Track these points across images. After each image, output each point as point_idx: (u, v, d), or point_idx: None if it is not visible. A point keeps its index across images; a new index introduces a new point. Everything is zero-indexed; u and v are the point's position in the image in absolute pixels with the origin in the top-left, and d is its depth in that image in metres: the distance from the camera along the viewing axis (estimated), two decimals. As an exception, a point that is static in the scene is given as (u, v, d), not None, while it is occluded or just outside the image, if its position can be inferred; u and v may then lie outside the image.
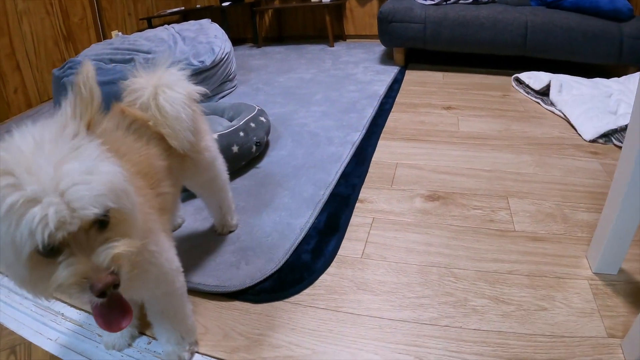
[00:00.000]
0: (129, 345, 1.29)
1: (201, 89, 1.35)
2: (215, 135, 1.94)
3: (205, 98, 2.85)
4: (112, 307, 0.82)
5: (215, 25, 3.48)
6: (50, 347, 1.33)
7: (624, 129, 2.25)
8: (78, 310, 1.45)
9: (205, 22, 3.51)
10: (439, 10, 3.38)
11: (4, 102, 3.24)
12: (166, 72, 1.27)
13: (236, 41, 4.87)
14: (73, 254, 0.72)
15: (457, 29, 3.31)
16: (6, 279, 1.62)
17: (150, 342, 1.30)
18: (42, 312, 1.46)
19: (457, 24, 3.30)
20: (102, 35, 4.12)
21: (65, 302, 1.49)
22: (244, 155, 2.06)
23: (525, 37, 3.17)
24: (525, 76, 3.07)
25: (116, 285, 0.75)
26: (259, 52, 4.39)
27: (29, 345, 1.35)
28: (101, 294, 0.73)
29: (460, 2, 3.54)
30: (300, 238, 1.64)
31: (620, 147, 2.17)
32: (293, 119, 2.71)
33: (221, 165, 1.53)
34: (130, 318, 0.84)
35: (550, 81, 2.83)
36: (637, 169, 1.19)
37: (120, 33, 4.23)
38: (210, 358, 1.24)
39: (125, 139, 1.10)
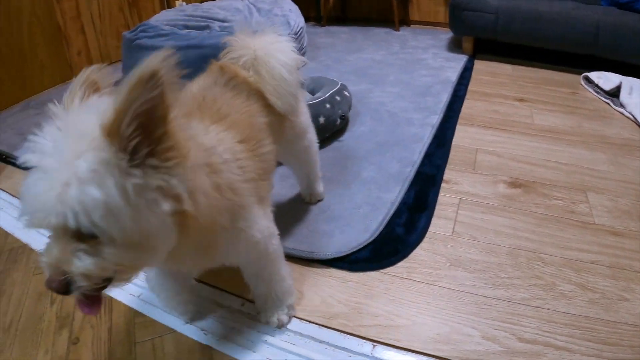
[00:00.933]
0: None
1: (304, 58, 1.36)
2: (304, 105, 1.97)
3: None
4: (80, 300, 0.79)
5: (289, 0, 3.49)
6: (133, 303, 1.37)
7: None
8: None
9: (279, -5, 3.53)
10: (512, 1, 3.35)
11: (67, 64, 3.29)
12: (276, 37, 1.31)
13: (302, 18, 4.88)
14: (51, 242, 0.73)
15: (528, 22, 3.28)
16: None
17: (243, 304, 1.34)
18: None
19: (529, 17, 3.27)
20: (167, 4, 4.14)
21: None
22: (329, 127, 2.09)
23: (596, 36, 3.13)
24: (595, 76, 3.05)
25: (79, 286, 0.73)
26: (324, 31, 4.39)
27: (110, 300, 1.38)
28: (56, 290, 0.73)
29: (532, -5, 3.52)
30: (393, 211, 1.67)
31: None
32: (369, 97, 2.73)
33: (313, 134, 1.56)
34: (97, 311, 0.82)
35: (620, 82, 2.81)
36: None
37: (184, 3, 4.25)
38: (308, 323, 1.27)
39: (224, 95, 1.12)
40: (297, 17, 3.17)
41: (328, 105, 2.05)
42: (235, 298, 1.37)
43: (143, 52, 2.61)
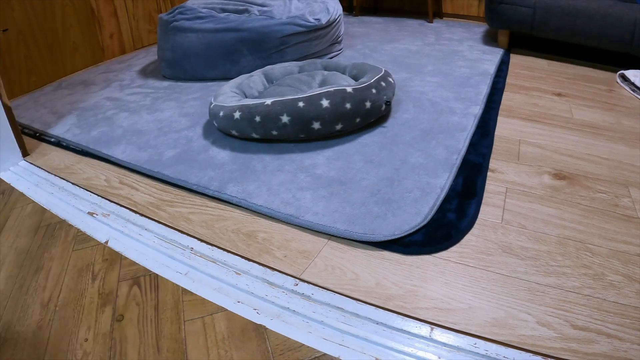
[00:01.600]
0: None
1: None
2: (350, 89, 1.97)
3: (315, 56, 2.89)
4: None
5: (327, -13, 3.49)
6: (181, 281, 1.37)
7: None
8: (210, 246, 1.49)
9: (318, -17, 3.53)
10: (550, -4, 3.34)
11: (99, 46, 3.32)
12: None
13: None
14: None
15: (565, 18, 3.26)
16: (121, 209, 1.66)
17: (297, 284, 1.37)
18: (167, 245, 1.50)
19: (566, 13, 3.25)
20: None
21: (194, 237, 1.53)
22: (375, 112, 2.09)
23: (632, 34, 3.11)
24: (631, 74, 3.03)
25: None
26: (357, 21, 4.39)
27: (155, 277, 1.39)
28: None
29: (569, -9, 3.49)
30: (443, 197, 1.67)
31: None
32: (409, 86, 2.73)
33: None
34: None
35: (657, 81, 2.80)
36: None
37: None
38: (365, 304, 1.28)
39: None
40: (335, 4, 3.17)
41: (374, 91, 2.05)
42: (289, 277, 1.37)
43: (180, 34, 2.63)
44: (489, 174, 1.87)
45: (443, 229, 1.52)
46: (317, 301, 1.30)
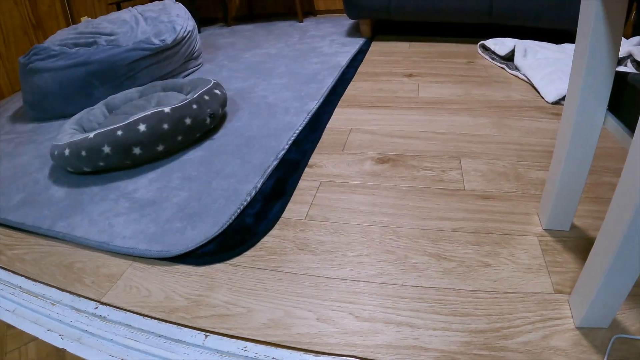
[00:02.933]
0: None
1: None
2: (168, 109, 1.97)
3: (170, 76, 2.89)
4: None
5: (179, 5, 3.47)
6: (7, 318, 1.38)
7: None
8: (34, 282, 1.49)
9: (169, 2, 3.50)
10: (403, -21, 3.38)
11: (-25, 95, 3.26)
12: None
13: (207, 21, 4.87)
14: None
15: (421, -1, 3.31)
16: None
17: (97, 307, 1.35)
18: (1, 286, 1.51)
19: (421, -7, 3.30)
20: (72, 22, 4.11)
21: (23, 276, 1.53)
22: (198, 127, 2.08)
23: (491, 3, 3.16)
24: (491, 42, 3.08)
25: None
26: (229, 31, 4.37)
27: None
28: None
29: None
30: (246, 202, 1.67)
31: None
32: (253, 92, 2.72)
33: None
34: None
35: (515, 46, 2.85)
36: (577, 123, 1.19)
37: (90, 19, 4.22)
38: (150, 319, 1.29)
39: None
40: (184, 22, 3.16)
41: (195, 106, 2.04)
42: (91, 302, 1.38)
43: (37, 76, 2.61)
44: (306, 170, 1.87)
45: (238, 235, 1.52)
46: (111, 321, 1.30)
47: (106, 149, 1.88)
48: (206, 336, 1.22)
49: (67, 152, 1.92)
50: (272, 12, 4.82)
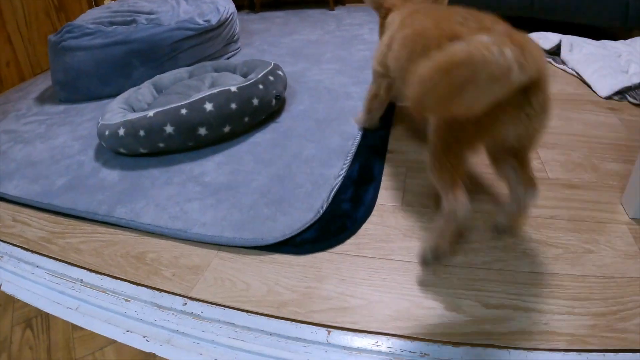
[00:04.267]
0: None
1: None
2: (235, 88, 1.87)
3: (211, 58, 2.79)
4: None
5: (218, -14, 3.39)
6: (71, 317, 1.27)
7: (637, 86, 2.24)
8: (99, 275, 1.38)
9: (207, -17, 3.42)
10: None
11: (-5, 77, 3.15)
12: None
13: (234, 5, 4.83)
14: None
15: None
16: (13, 249, 1.55)
17: (185, 303, 1.26)
18: (57, 280, 1.40)
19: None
20: (95, 4, 4.02)
21: (83, 268, 1.42)
22: (264, 108, 2.00)
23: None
24: (534, 36, 3.03)
25: None
26: (258, 17, 4.32)
27: (46, 317, 1.28)
28: None
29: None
30: (337, 187, 1.59)
31: (634, 104, 2.17)
32: (306, 76, 2.65)
33: None
34: None
35: (560, 41, 2.80)
36: None
37: (113, 1, 4.13)
38: (256, 315, 1.19)
39: None
40: (226, 3, 3.08)
41: (261, 87, 1.96)
42: (177, 297, 1.27)
43: (70, 54, 2.51)
44: (387, 155, 1.79)
45: (337, 221, 1.43)
46: (207, 319, 1.19)
47: (168, 129, 1.77)
48: (329, 332, 1.12)
49: (121, 131, 1.81)
50: (299, -1, 4.75)
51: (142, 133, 1.79)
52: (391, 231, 1.40)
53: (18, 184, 1.87)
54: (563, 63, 2.66)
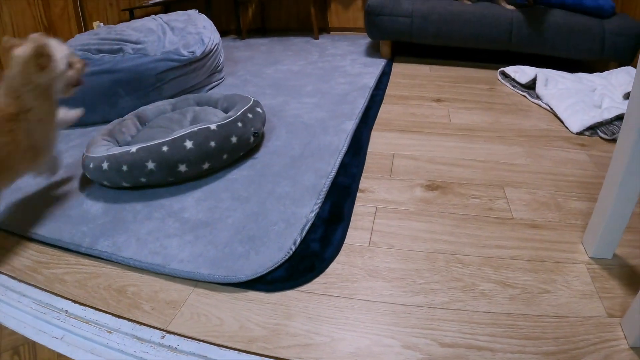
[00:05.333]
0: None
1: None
2: (214, 126, 1.94)
3: (195, 89, 2.86)
4: None
5: (203, 16, 3.45)
6: (56, 346, 1.32)
7: (608, 122, 2.32)
8: (83, 307, 1.43)
9: (193, 13, 3.48)
10: (426, 4, 3.40)
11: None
12: None
13: (220, 33, 4.85)
14: None
15: (443, 24, 3.33)
16: (1, 277, 1.60)
17: (163, 337, 1.30)
18: (43, 310, 1.44)
19: (443, 19, 3.32)
20: (84, 26, 4.07)
21: (68, 299, 1.47)
22: (243, 146, 2.06)
23: (510, 32, 3.21)
24: (511, 70, 3.11)
25: None
26: (243, 44, 4.37)
27: (33, 345, 1.32)
28: None
29: (445, -4, 3.57)
30: (307, 227, 1.65)
31: (605, 140, 2.26)
32: (285, 110, 2.71)
33: None
34: None
35: (536, 75, 2.88)
36: (632, 158, 1.24)
37: (101, 24, 4.18)
38: (228, 350, 1.24)
39: None
40: (211, 34, 3.14)
41: (240, 124, 2.02)
42: (156, 330, 1.33)
43: (56, 81, 2.54)
44: (358, 194, 1.85)
45: (307, 261, 1.50)
46: (183, 352, 1.25)
47: (150, 165, 1.84)
48: (294, 367, 1.18)
49: (105, 165, 1.87)
50: (285, 27, 4.82)
51: (125, 168, 1.85)
52: (357, 271, 1.46)
53: (4, 211, 1.92)
54: (538, 98, 2.73)
